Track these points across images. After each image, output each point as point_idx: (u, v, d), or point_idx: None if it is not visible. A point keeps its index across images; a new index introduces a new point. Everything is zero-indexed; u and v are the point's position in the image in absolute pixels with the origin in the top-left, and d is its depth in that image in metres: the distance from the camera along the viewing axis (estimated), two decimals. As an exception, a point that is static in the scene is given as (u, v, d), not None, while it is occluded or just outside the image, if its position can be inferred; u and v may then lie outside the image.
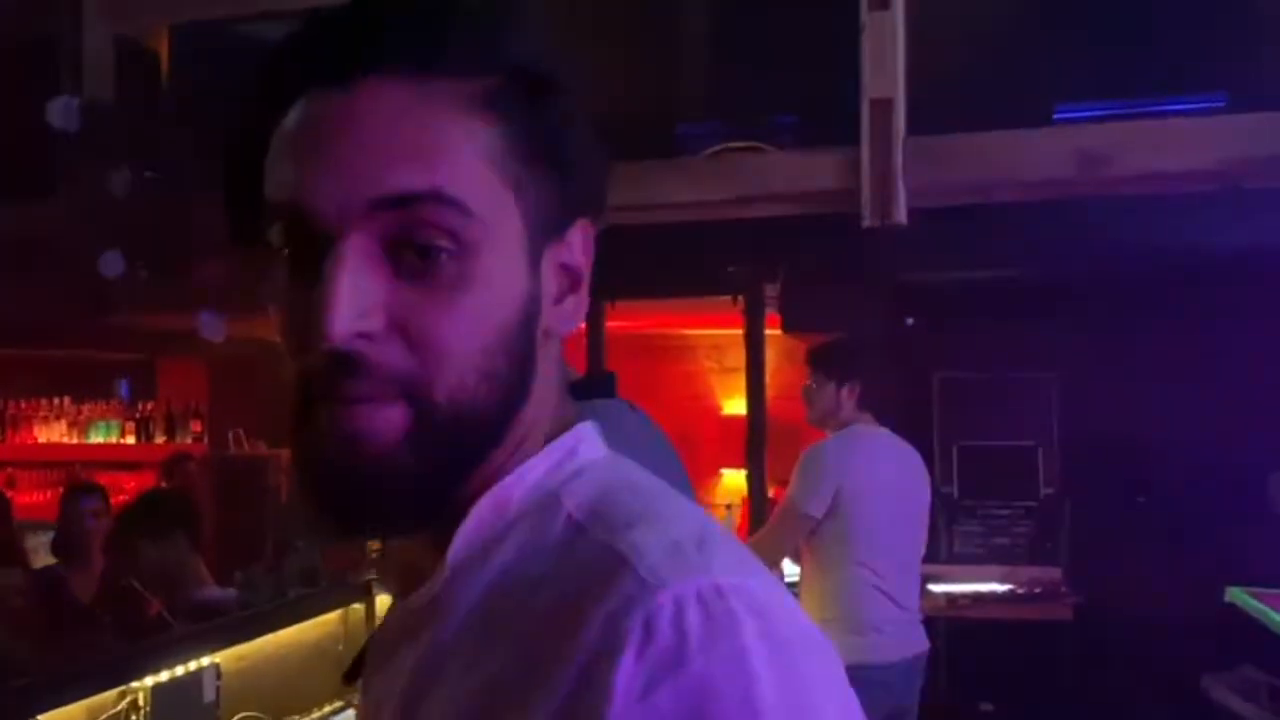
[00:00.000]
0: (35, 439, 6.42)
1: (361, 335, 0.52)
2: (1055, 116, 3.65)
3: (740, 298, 3.76)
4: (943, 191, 3.06)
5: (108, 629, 2.40)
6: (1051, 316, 4.46)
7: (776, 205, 3.18)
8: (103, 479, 6.19)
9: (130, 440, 6.27)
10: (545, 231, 0.57)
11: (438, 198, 0.52)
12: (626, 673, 0.47)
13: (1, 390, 6.48)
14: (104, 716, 1.58)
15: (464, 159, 0.53)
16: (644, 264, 3.17)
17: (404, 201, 0.52)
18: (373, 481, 0.53)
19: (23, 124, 3.87)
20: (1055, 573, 4.21)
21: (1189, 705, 3.71)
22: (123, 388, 6.59)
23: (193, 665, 1.70)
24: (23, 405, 6.48)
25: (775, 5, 3.84)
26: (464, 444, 0.55)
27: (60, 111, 3.73)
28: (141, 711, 1.61)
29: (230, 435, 5.55)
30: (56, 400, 6.43)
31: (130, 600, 2.69)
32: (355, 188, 0.52)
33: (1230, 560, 3.69)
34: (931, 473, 3.26)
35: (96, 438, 6.35)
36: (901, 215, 2.96)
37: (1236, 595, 2.78)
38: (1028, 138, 3.12)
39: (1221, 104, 3.41)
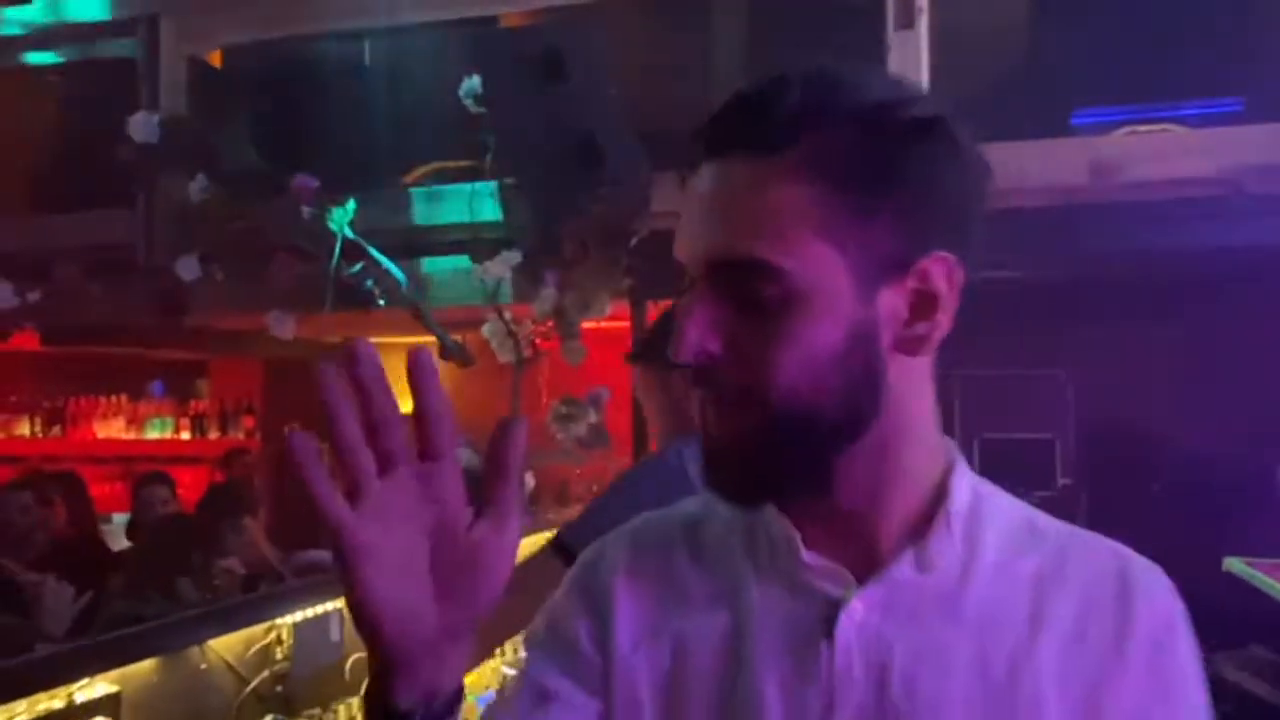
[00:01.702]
0: (95, 435, 6.71)
1: (703, 353, 0.67)
2: (1073, 122, 3.85)
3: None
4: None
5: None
6: (1067, 316, 4.66)
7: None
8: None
9: (185, 436, 6.55)
10: (883, 269, 0.67)
11: (757, 264, 0.65)
12: (1182, 652, 0.72)
13: (62, 388, 6.79)
14: (255, 646, 1.86)
15: (785, 225, 0.65)
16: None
17: (734, 265, 0.66)
18: (726, 462, 0.69)
19: (106, 138, 4.15)
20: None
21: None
22: (157, 387, 6.86)
23: (321, 609, 1.98)
24: (82, 402, 6.78)
25: (806, 20, 4.07)
26: (807, 438, 0.67)
27: (141, 126, 4.00)
28: (284, 644, 1.89)
29: (286, 430, 5.82)
30: (114, 397, 6.72)
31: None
32: (700, 250, 0.67)
33: (1239, 546, 3.87)
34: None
35: (153, 434, 6.64)
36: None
37: (1234, 565, 2.97)
38: (1042, 147, 3.35)
39: (1238, 109, 3.59)
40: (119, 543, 4.26)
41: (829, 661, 0.67)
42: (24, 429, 6.77)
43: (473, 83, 3.48)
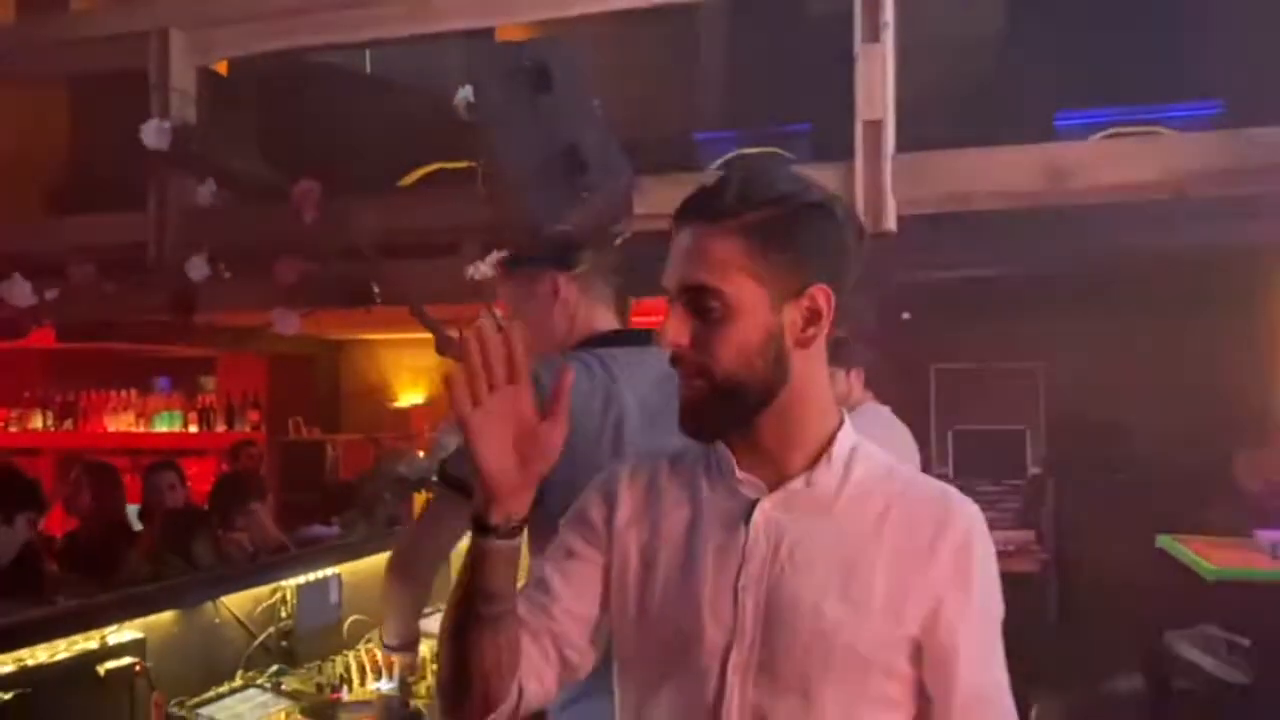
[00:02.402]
0: (105, 428, 6.92)
1: (677, 346, 1.06)
2: (1056, 125, 3.99)
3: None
4: (927, 201, 3.49)
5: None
6: (1036, 312, 4.85)
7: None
8: (168, 465, 6.69)
9: (193, 429, 6.77)
10: (785, 294, 1.06)
11: (704, 288, 1.05)
12: (978, 554, 1.08)
13: (73, 383, 7.00)
14: (263, 604, 2.08)
15: (722, 264, 1.05)
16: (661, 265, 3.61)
17: (689, 289, 1.06)
18: (692, 416, 1.08)
19: (120, 144, 4.35)
20: (1030, 535, 4.64)
21: (1153, 658, 4.09)
22: (164, 383, 7.07)
23: (322, 573, 2.19)
24: (93, 396, 7.00)
25: (788, 27, 4.24)
26: (738, 400, 1.06)
27: (153, 133, 4.19)
28: (288, 604, 2.11)
29: (290, 423, 6.03)
30: (124, 392, 6.94)
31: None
32: (675, 279, 1.07)
33: (1198, 529, 4.05)
34: (929, 454, 3.71)
35: (161, 427, 6.86)
36: (891, 224, 3.38)
37: (1164, 541, 3.15)
38: (1002, 154, 3.53)
39: (1217, 111, 3.73)
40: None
41: (745, 536, 1.09)
42: (37, 422, 6.99)
43: (465, 92, 3.68)
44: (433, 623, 2.29)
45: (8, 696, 1.46)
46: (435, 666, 2.15)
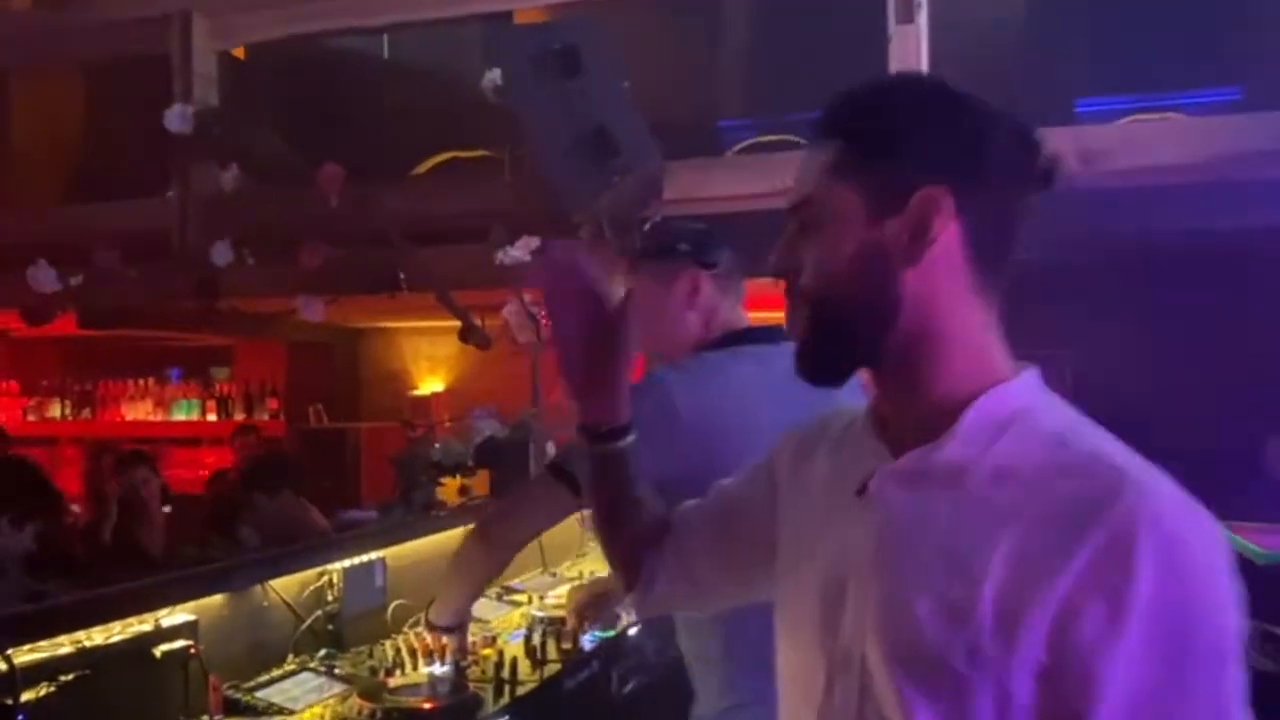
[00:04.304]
0: (123, 417, 6.91)
1: (782, 264, 0.96)
2: (1078, 110, 3.95)
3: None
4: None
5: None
6: (1062, 299, 4.80)
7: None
8: (185, 454, 6.70)
9: (211, 418, 6.76)
10: (887, 201, 0.89)
11: (800, 201, 0.94)
12: (1148, 557, 0.77)
13: (90, 372, 6.99)
14: (310, 587, 2.06)
15: (818, 172, 0.93)
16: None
17: (791, 209, 0.95)
18: (803, 356, 0.95)
19: (140, 129, 4.33)
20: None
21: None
22: (174, 375, 7.06)
23: (368, 557, 2.18)
24: (111, 385, 6.99)
25: (810, 11, 4.21)
26: (842, 332, 0.92)
27: (176, 118, 4.16)
28: (335, 588, 2.09)
29: (310, 411, 6.02)
30: (142, 381, 6.93)
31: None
32: (790, 200, 0.96)
33: (1228, 515, 4.02)
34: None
35: (179, 415, 6.84)
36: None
37: None
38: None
39: (1236, 97, 3.70)
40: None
41: (861, 503, 0.92)
42: (55, 411, 6.99)
43: (493, 75, 3.65)
44: (481, 608, 2.28)
45: (69, 678, 1.45)
46: (487, 652, 2.16)
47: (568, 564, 3.16)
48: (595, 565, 3.18)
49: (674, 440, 1.45)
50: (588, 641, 2.25)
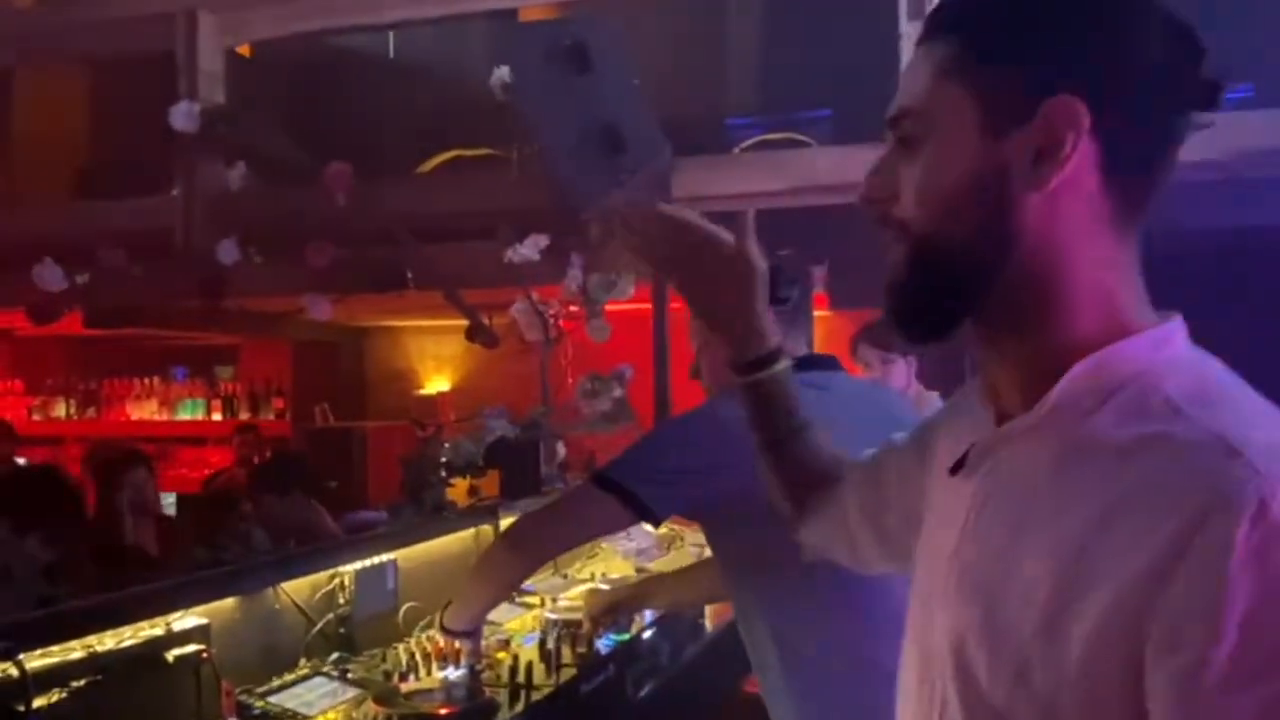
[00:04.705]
0: (128, 416, 6.90)
1: (870, 194, 0.80)
2: None
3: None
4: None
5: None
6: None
7: (822, 195, 3.56)
8: (189, 453, 6.69)
9: (217, 417, 6.74)
10: (1009, 113, 0.73)
11: (903, 112, 0.78)
12: (1245, 532, 0.60)
13: (95, 371, 6.98)
14: (320, 591, 2.04)
15: (927, 77, 0.77)
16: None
17: (891, 121, 0.79)
18: (894, 298, 0.79)
19: (146, 127, 4.31)
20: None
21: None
22: (179, 373, 7.04)
23: (379, 559, 2.15)
24: (116, 384, 6.97)
25: (819, 8, 4.19)
26: (943, 268, 0.76)
27: (182, 116, 4.14)
28: (346, 591, 2.07)
29: (316, 410, 6.00)
30: (147, 380, 6.91)
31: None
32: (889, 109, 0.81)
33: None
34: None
35: (184, 415, 6.83)
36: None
37: None
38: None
39: (1248, 95, 3.67)
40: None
41: (959, 479, 0.82)
42: (60, 410, 6.98)
43: (501, 73, 3.63)
44: (493, 611, 2.25)
45: (81, 683, 1.43)
46: (502, 656, 2.13)
47: (579, 565, 3.14)
48: (606, 566, 3.16)
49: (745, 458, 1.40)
50: (603, 645, 2.23)
